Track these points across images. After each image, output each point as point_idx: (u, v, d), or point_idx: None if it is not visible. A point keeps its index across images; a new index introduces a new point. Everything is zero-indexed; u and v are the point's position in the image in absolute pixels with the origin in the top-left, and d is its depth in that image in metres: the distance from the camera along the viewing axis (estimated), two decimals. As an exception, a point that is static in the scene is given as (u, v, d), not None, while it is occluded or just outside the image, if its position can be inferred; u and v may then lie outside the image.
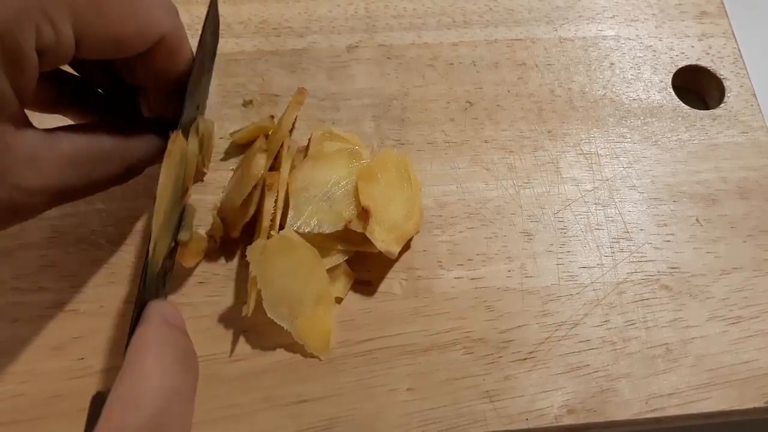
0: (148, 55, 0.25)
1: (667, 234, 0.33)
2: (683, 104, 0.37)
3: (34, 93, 0.22)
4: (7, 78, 0.20)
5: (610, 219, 0.33)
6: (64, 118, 0.28)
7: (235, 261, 0.31)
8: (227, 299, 0.30)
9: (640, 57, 0.39)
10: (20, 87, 0.20)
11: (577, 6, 0.41)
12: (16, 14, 0.19)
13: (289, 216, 0.30)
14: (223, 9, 0.39)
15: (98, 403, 0.20)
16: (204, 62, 0.29)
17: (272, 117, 0.34)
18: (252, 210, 0.30)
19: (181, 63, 0.26)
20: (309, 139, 0.34)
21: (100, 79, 0.29)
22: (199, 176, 0.33)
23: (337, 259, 0.30)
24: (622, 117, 0.37)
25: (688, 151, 0.36)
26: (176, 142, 0.26)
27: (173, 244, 0.28)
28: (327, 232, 0.30)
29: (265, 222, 0.30)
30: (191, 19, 0.38)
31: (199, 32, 0.28)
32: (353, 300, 0.31)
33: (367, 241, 0.30)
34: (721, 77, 0.38)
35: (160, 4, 0.25)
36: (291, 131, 0.34)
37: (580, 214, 0.33)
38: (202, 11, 0.38)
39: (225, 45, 0.37)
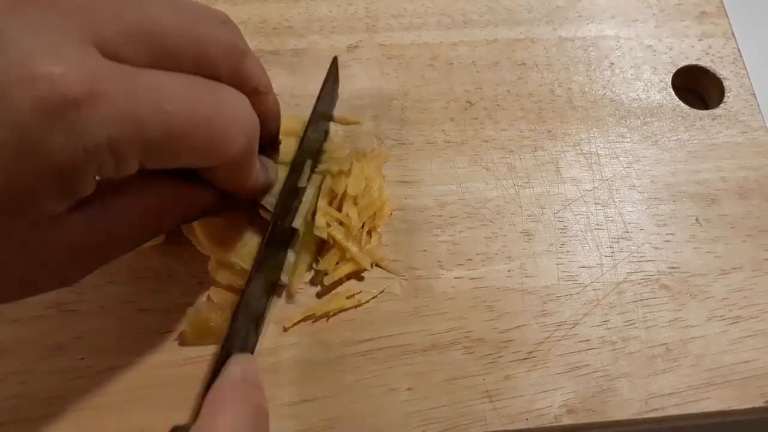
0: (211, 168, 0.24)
1: (667, 234, 0.33)
2: (683, 104, 0.37)
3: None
4: (57, 198, 0.19)
5: (610, 219, 0.33)
6: None
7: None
8: (227, 299, 0.30)
9: (640, 57, 0.39)
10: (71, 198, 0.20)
11: (577, 6, 0.41)
12: (82, 155, 0.18)
13: None
14: (223, 9, 0.38)
15: None
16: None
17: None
18: None
19: (242, 176, 0.25)
20: None
21: None
22: None
23: None
24: (622, 117, 0.37)
25: (687, 151, 0.36)
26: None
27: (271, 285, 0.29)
28: None
29: None
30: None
31: None
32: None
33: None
34: (721, 77, 0.38)
35: (241, 127, 0.23)
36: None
37: (579, 214, 0.33)
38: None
39: (225, 45, 0.37)
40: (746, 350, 0.30)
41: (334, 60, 0.31)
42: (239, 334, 0.25)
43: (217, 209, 0.26)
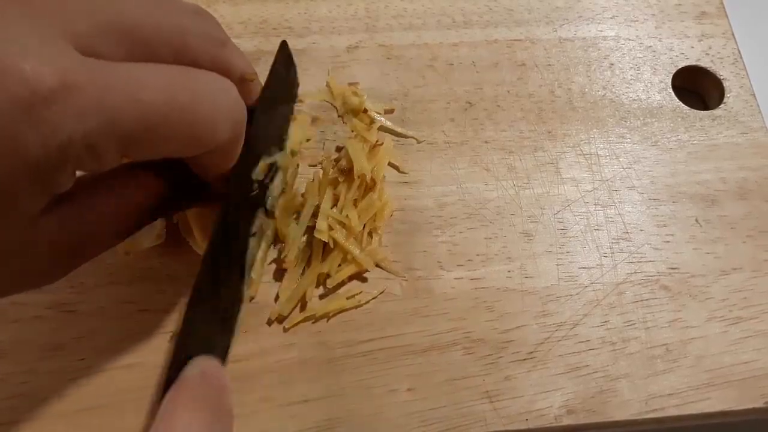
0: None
1: (667, 234, 0.33)
2: (683, 105, 0.37)
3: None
4: (36, 195, 0.19)
5: (610, 219, 0.33)
6: None
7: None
8: (227, 299, 0.30)
9: (639, 57, 0.39)
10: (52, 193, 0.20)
11: (577, 6, 0.41)
12: (57, 150, 0.18)
13: None
14: (223, 9, 0.39)
15: None
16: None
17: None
18: None
19: (230, 162, 0.25)
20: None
21: None
22: None
23: None
24: (621, 117, 0.37)
25: (687, 152, 0.36)
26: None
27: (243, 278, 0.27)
28: None
29: None
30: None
31: None
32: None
33: None
34: (721, 78, 0.38)
35: (226, 112, 0.22)
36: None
37: (579, 215, 0.33)
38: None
39: (225, 45, 0.37)
40: (746, 351, 0.30)
41: (283, 43, 0.30)
42: (195, 337, 0.24)
43: (197, 201, 0.26)
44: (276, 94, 0.30)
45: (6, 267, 0.20)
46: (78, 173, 0.20)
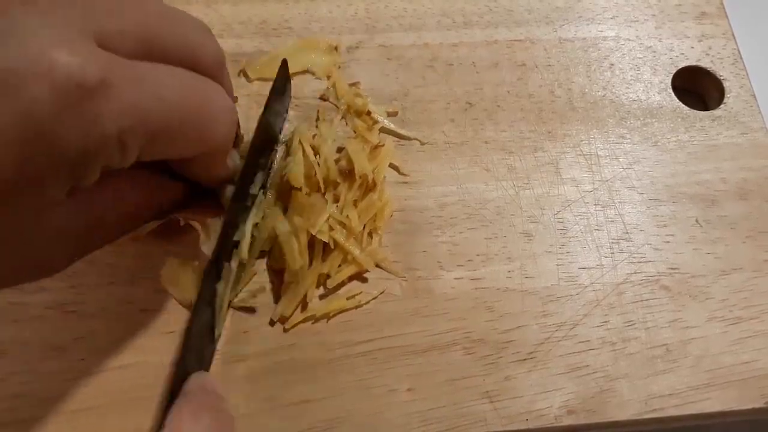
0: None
1: (667, 235, 0.33)
2: (683, 105, 0.37)
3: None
4: (63, 186, 0.20)
5: (610, 220, 0.33)
6: None
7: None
8: (227, 300, 0.30)
9: (640, 58, 0.39)
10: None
11: (577, 7, 0.41)
12: (95, 144, 0.19)
13: None
14: (223, 9, 0.39)
15: None
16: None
17: None
18: None
19: (219, 164, 0.26)
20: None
21: None
22: None
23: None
24: (621, 118, 0.37)
25: (687, 152, 0.36)
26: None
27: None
28: None
29: None
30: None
31: None
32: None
33: None
34: (721, 78, 0.38)
35: (227, 114, 0.24)
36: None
37: (579, 215, 0.33)
38: (199, 11, 0.38)
39: (225, 45, 0.37)
40: (746, 351, 0.30)
41: (284, 62, 0.32)
42: (192, 353, 0.26)
43: (188, 205, 0.27)
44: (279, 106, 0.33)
45: (14, 253, 0.21)
46: None
